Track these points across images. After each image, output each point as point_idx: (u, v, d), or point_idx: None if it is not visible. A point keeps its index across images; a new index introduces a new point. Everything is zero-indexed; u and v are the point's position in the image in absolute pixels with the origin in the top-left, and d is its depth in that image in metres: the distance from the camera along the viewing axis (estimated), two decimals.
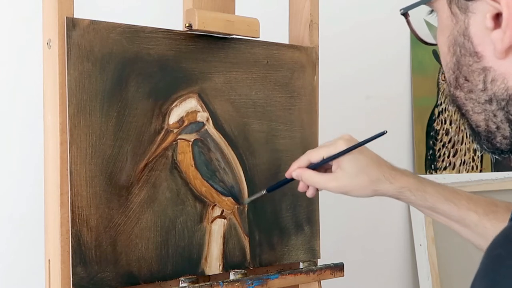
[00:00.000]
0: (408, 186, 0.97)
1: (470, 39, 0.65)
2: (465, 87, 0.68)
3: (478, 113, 0.68)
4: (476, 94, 0.67)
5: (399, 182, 0.97)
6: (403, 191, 0.97)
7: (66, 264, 0.89)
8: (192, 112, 1.02)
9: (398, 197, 0.98)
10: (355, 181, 0.96)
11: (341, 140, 0.98)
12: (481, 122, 0.68)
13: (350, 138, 0.98)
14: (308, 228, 1.16)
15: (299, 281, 1.09)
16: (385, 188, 0.97)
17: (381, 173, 0.97)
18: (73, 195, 0.89)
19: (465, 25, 0.65)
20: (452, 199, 0.97)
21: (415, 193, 0.97)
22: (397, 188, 0.97)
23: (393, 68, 1.87)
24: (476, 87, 0.66)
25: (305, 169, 0.99)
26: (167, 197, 0.99)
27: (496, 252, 0.54)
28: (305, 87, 1.16)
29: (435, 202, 0.97)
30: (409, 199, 0.98)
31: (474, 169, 2.06)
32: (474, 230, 0.96)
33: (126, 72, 0.94)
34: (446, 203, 0.96)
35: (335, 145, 0.97)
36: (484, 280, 0.53)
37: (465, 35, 0.65)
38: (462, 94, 0.68)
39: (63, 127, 0.89)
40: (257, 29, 1.06)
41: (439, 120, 1.97)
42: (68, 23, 0.88)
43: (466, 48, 0.66)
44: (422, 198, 0.97)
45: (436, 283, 1.81)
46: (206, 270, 1.03)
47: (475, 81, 0.66)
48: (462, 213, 0.96)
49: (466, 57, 0.66)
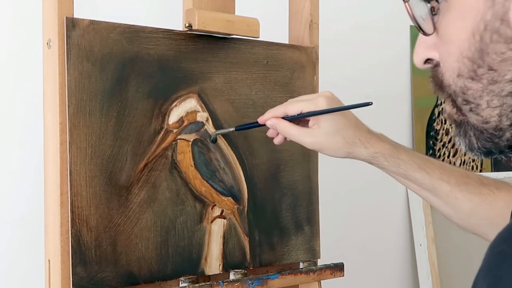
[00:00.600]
0: (382, 152, 0.96)
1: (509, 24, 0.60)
2: (486, 77, 0.63)
3: (493, 108, 0.63)
4: (500, 86, 0.62)
5: (374, 147, 0.96)
6: (377, 156, 0.96)
7: (66, 264, 0.89)
8: (192, 112, 1.02)
9: (371, 161, 0.97)
10: (330, 140, 0.95)
11: (322, 97, 0.96)
12: (493, 118, 0.64)
13: (331, 96, 0.97)
14: (308, 228, 1.16)
15: (299, 281, 1.09)
16: (359, 152, 0.96)
17: (357, 136, 0.96)
18: (73, 195, 0.89)
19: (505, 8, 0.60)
20: (425, 167, 0.96)
21: (388, 159, 0.96)
22: (371, 153, 0.96)
23: (393, 68, 1.87)
24: (503, 78, 0.62)
25: (281, 119, 0.97)
26: (167, 197, 0.99)
27: (500, 248, 0.53)
28: (305, 87, 1.16)
29: (408, 170, 0.96)
30: (382, 164, 0.97)
31: (474, 169, 2.06)
32: (445, 200, 0.97)
33: (126, 72, 0.94)
34: (419, 171, 0.96)
35: (316, 102, 0.95)
36: (488, 277, 0.52)
37: (503, 20, 0.60)
38: (479, 86, 0.64)
39: (63, 127, 0.89)
40: (257, 29, 1.06)
41: (439, 120, 1.97)
42: (68, 23, 0.88)
43: (500, 34, 0.61)
44: (395, 164, 0.96)
45: (436, 283, 1.81)
46: (206, 270, 1.03)
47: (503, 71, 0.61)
48: (434, 182, 0.96)
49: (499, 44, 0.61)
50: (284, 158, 1.13)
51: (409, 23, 1.89)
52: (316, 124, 0.95)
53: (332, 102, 0.96)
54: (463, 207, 0.96)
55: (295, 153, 1.14)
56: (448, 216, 0.99)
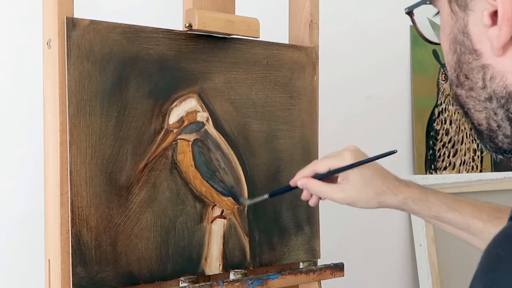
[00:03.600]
0: (412, 197, 0.98)
1: (469, 37, 0.65)
2: (466, 85, 0.68)
3: (479, 111, 0.68)
4: (477, 92, 0.67)
5: (403, 194, 0.98)
6: (407, 202, 0.98)
7: (66, 264, 0.89)
8: (192, 112, 1.02)
9: (402, 208, 1.00)
10: (361, 193, 0.98)
11: (347, 151, 0.99)
12: (483, 121, 0.68)
13: (356, 149, 1.00)
14: (308, 228, 1.16)
15: (299, 281, 1.09)
16: (389, 200, 0.98)
17: (386, 185, 0.98)
18: (73, 195, 0.89)
19: (464, 22, 0.65)
20: (456, 207, 0.98)
21: (418, 203, 0.98)
22: (401, 199, 0.98)
23: (393, 68, 1.87)
24: (476, 85, 0.67)
25: (311, 178, 1.00)
26: (167, 197, 0.99)
27: (496, 251, 0.54)
28: (305, 87, 1.16)
29: (439, 211, 0.98)
30: (413, 209, 0.99)
31: (474, 169, 2.06)
32: (480, 237, 0.97)
33: (126, 72, 0.94)
34: (450, 212, 0.97)
35: (342, 157, 0.98)
36: (483, 279, 0.53)
37: (464, 33, 0.66)
38: (464, 92, 0.69)
39: (63, 127, 0.89)
40: (257, 29, 1.06)
41: (439, 120, 1.97)
42: (68, 23, 0.88)
43: (465, 46, 0.66)
44: (425, 207, 0.98)
45: (436, 283, 1.81)
46: (206, 270, 1.03)
47: (475, 78, 0.66)
48: (466, 221, 0.97)
49: (466, 55, 0.66)
50: (284, 158, 1.13)
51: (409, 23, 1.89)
52: (345, 179, 0.98)
53: (357, 155, 0.98)
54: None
55: (295, 153, 1.14)
56: None
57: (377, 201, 0.98)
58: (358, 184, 0.97)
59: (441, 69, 1.97)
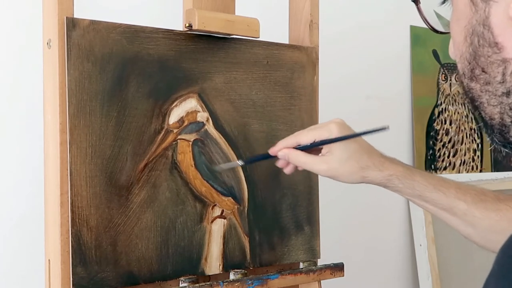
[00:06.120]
0: (396, 174, 0.96)
1: (490, 29, 0.63)
2: (482, 78, 0.65)
3: (494, 106, 0.66)
4: (493, 86, 0.65)
5: (388, 170, 0.96)
6: (392, 178, 0.96)
7: (66, 264, 0.89)
8: (192, 112, 1.02)
9: (386, 184, 0.97)
10: (344, 166, 0.95)
11: (333, 124, 0.97)
12: (496, 115, 0.66)
13: (342, 122, 0.97)
14: (308, 228, 1.16)
15: (299, 281, 1.09)
16: (373, 175, 0.96)
17: (371, 160, 0.96)
18: (73, 195, 0.89)
19: (486, 14, 0.63)
20: (441, 187, 0.96)
21: (403, 181, 0.96)
22: (386, 175, 0.96)
23: (393, 68, 1.87)
24: (494, 79, 0.64)
25: (292, 149, 0.97)
26: (167, 197, 0.99)
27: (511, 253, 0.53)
28: (305, 87, 1.16)
29: (423, 191, 0.96)
30: (397, 187, 0.97)
31: (474, 169, 2.06)
32: (463, 219, 0.96)
33: (126, 72, 0.95)
34: (435, 192, 0.96)
35: (329, 129, 0.96)
36: (501, 280, 0.52)
37: (485, 25, 0.63)
38: (478, 86, 0.66)
39: (63, 127, 0.89)
40: (257, 29, 1.06)
41: (439, 120, 1.97)
42: (68, 23, 0.88)
43: (485, 39, 0.63)
44: (410, 186, 0.96)
45: (436, 283, 1.81)
46: (206, 270, 1.03)
47: (493, 73, 0.64)
48: (450, 202, 0.96)
49: (485, 48, 0.64)
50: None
51: (409, 23, 1.89)
52: (329, 151, 0.96)
53: (344, 129, 0.96)
54: (481, 225, 0.95)
55: None
56: (467, 235, 0.98)
57: (361, 175, 0.96)
58: (342, 157, 0.95)
59: (441, 69, 1.97)
